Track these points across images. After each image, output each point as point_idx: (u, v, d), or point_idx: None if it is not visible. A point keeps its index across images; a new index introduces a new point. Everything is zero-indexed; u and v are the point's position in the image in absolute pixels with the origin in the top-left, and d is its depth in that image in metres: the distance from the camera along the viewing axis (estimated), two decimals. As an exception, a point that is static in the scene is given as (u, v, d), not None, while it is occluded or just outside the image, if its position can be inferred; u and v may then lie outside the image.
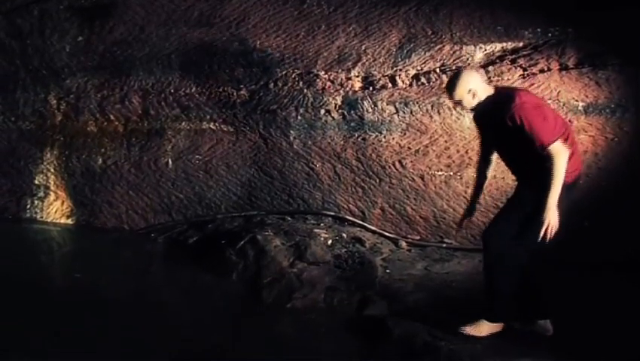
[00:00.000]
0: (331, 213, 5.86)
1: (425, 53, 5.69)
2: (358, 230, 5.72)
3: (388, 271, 5.08)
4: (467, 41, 5.61)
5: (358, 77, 5.80)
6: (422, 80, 5.69)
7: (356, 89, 5.79)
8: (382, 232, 5.74)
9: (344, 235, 5.54)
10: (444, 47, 5.66)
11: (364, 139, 5.78)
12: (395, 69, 5.73)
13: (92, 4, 6.30)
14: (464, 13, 5.62)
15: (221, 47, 6.00)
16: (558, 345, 3.71)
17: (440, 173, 5.59)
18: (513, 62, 5.54)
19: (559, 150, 3.55)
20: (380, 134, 5.73)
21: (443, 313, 4.11)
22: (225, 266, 5.20)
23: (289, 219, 5.84)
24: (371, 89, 5.76)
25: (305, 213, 5.92)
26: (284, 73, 5.91)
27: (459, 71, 3.84)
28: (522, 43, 5.55)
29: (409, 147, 5.70)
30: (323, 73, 5.84)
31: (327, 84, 5.82)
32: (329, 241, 5.40)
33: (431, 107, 5.61)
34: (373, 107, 5.74)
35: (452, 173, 5.62)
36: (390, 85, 5.74)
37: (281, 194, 6.00)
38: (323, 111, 5.82)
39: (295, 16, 5.93)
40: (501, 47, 5.60)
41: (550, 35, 5.48)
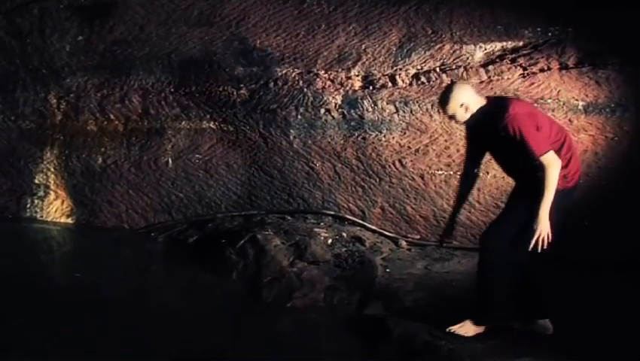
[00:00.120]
0: (331, 213, 5.86)
1: (425, 52, 5.69)
2: (358, 229, 5.72)
3: (388, 271, 5.09)
4: (467, 40, 5.61)
5: (358, 76, 5.80)
6: (422, 80, 5.69)
7: (356, 88, 5.79)
8: (382, 231, 5.74)
9: (344, 235, 5.54)
10: (444, 46, 5.66)
11: (364, 138, 5.78)
12: (395, 68, 5.73)
13: (92, 3, 6.29)
14: (464, 12, 5.62)
15: (221, 46, 5.99)
16: (558, 345, 3.71)
17: (440, 172, 5.59)
18: (513, 61, 5.54)
19: (551, 161, 3.55)
20: (380, 133, 5.73)
21: (443, 312, 4.10)
22: (225, 265, 5.20)
23: (289, 218, 5.84)
24: (371, 88, 5.75)
25: (305, 212, 5.92)
26: (284, 72, 5.91)
27: (451, 86, 3.87)
28: (522, 43, 5.55)
29: (409, 147, 5.70)
30: (323, 72, 5.84)
31: (327, 83, 5.82)
32: (329, 241, 5.40)
33: (431, 106, 5.60)
34: (373, 106, 5.74)
35: (452, 172, 5.61)
36: (390, 84, 5.73)
37: (281, 193, 6.00)
38: (323, 110, 5.82)
39: (295, 16, 5.93)
40: (501, 46, 5.60)
41: (550, 34, 5.48)
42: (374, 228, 5.75)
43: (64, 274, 5.54)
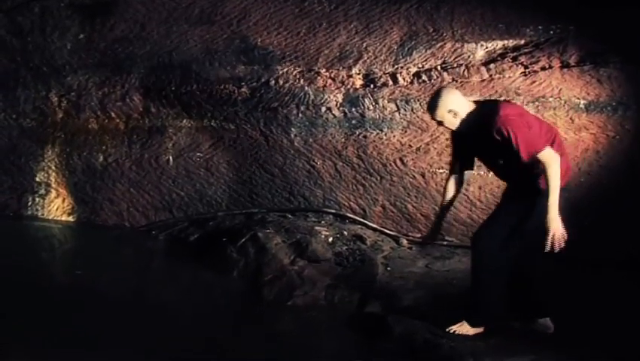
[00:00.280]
0: (332, 211, 5.86)
1: (426, 50, 5.69)
2: (358, 228, 5.71)
3: (388, 269, 5.08)
4: (469, 39, 5.61)
5: (359, 74, 5.79)
6: (423, 78, 5.68)
7: (357, 86, 5.79)
8: (382, 229, 5.74)
9: (345, 233, 5.54)
10: (445, 44, 5.66)
11: (365, 137, 5.77)
12: (396, 67, 5.72)
13: (93, 1, 6.30)
14: (465, 10, 5.62)
15: (222, 44, 5.99)
16: (559, 343, 3.71)
17: (441, 171, 5.57)
18: (514, 59, 5.54)
19: (550, 157, 3.56)
20: (381, 131, 5.72)
21: (443, 311, 4.10)
22: (226, 264, 5.20)
23: (290, 216, 5.84)
24: (372, 86, 5.75)
25: (306, 210, 5.92)
26: (285, 70, 5.90)
27: (439, 92, 3.80)
28: (523, 41, 5.54)
29: (410, 145, 5.70)
30: (324, 70, 5.84)
31: (328, 82, 5.82)
32: (330, 239, 5.40)
33: (432, 104, 5.59)
34: (374, 104, 5.73)
35: (453, 171, 5.61)
36: (391, 82, 5.73)
37: (282, 192, 6.00)
38: (324, 109, 5.82)
39: (296, 14, 5.92)
40: (503, 45, 5.60)
41: (552, 33, 5.47)
42: (375, 226, 5.75)
43: (65, 272, 5.55)
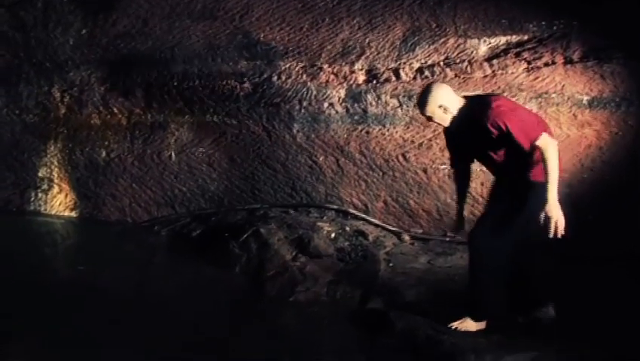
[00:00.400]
0: (334, 207, 5.85)
1: (429, 46, 5.67)
2: (361, 223, 5.71)
3: (390, 265, 5.09)
4: (472, 34, 5.59)
5: (361, 70, 5.78)
6: (426, 74, 5.67)
7: (360, 82, 5.78)
8: (385, 225, 5.73)
9: (347, 229, 5.54)
10: (448, 40, 5.64)
11: (367, 132, 5.76)
12: (399, 62, 5.71)
13: (95, -4, 6.31)
14: (468, 6, 5.60)
15: (225, 39, 5.99)
16: (561, 339, 3.71)
17: (444, 166, 5.56)
18: (517, 55, 5.52)
19: (547, 142, 3.55)
20: (384, 127, 5.71)
21: (445, 307, 4.09)
22: (228, 259, 5.21)
23: (292, 212, 5.84)
24: (375, 82, 5.74)
25: (308, 206, 5.92)
26: (287, 66, 5.89)
27: (429, 86, 3.79)
28: (526, 37, 5.53)
29: (412, 141, 5.69)
30: (327, 66, 5.83)
31: (331, 77, 5.81)
32: (332, 235, 5.40)
33: (435, 100, 5.58)
34: (376, 100, 5.72)
35: (455, 166, 5.60)
36: (394, 78, 5.72)
37: (285, 187, 5.99)
38: (326, 104, 5.81)
39: (299, 9, 5.91)
40: (506, 40, 5.58)
41: (555, 28, 5.45)
42: (377, 222, 5.74)
43: (67, 267, 5.55)
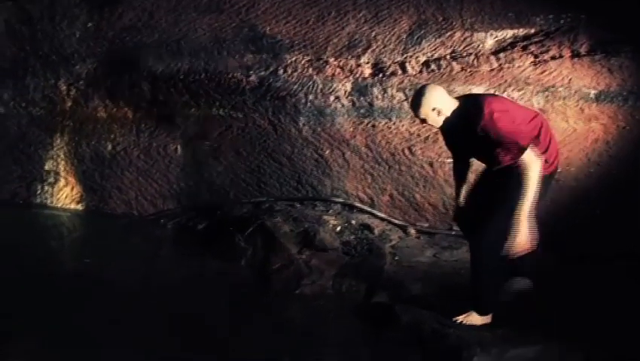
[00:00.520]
0: (340, 200, 5.85)
1: (436, 39, 5.65)
2: (366, 217, 5.70)
3: (396, 258, 5.08)
4: (478, 28, 5.57)
5: (367, 63, 5.77)
6: (432, 67, 5.65)
7: (366, 75, 5.77)
8: (390, 219, 5.72)
9: (353, 222, 5.54)
10: (455, 33, 5.62)
11: (373, 126, 5.75)
12: (405, 56, 5.69)
13: (101, -11, 6.31)
14: (475, -1, 5.59)
15: (231, 32, 5.98)
16: (565, 334, 3.70)
17: (450, 160, 5.46)
18: (524, 48, 5.50)
19: (531, 161, 3.56)
20: (390, 121, 5.70)
21: (451, 300, 4.09)
22: (234, 252, 5.21)
23: (298, 205, 5.83)
24: (381, 75, 5.73)
25: (314, 199, 5.91)
26: (293, 59, 5.88)
27: (422, 89, 3.77)
28: (533, 30, 5.50)
29: (418, 134, 5.67)
30: (333, 59, 5.82)
31: (337, 71, 5.80)
32: (338, 228, 5.40)
33: (441, 94, 5.56)
34: (382, 93, 5.71)
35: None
36: (400, 71, 5.70)
37: (290, 180, 5.99)
38: (332, 98, 5.80)
39: (305, 2, 5.90)
40: (513, 34, 5.56)
41: (562, 22, 5.43)
42: (383, 216, 5.74)
43: (73, 260, 5.58)
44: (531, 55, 5.48)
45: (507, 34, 5.55)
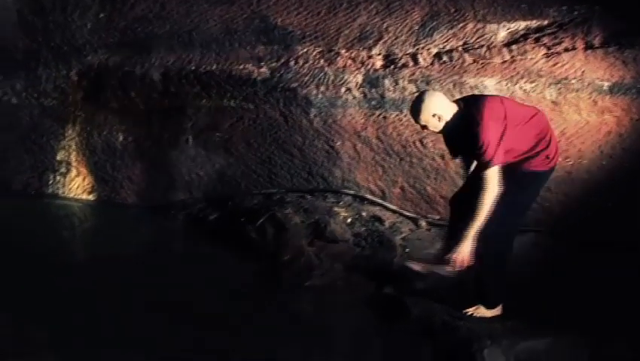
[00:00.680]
0: (351, 192, 5.84)
1: (448, 31, 5.62)
2: (377, 209, 5.70)
3: (407, 251, 5.08)
4: (491, 19, 5.53)
5: (379, 55, 5.75)
6: (444, 59, 5.62)
7: (377, 67, 5.74)
8: (401, 211, 5.72)
9: (363, 214, 5.54)
10: (467, 25, 5.58)
11: (384, 117, 5.74)
12: (417, 47, 5.66)
13: (113, -20, 6.30)
14: (487, -10, 5.55)
15: (242, 24, 5.96)
16: (576, 325, 3.70)
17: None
18: (537, 40, 5.45)
19: (493, 178, 3.57)
20: (401, 112, 5.67)
21: (462, 293, 4.08)
22: (245, 244, 5.22)
23: (309, 197, 5.83)
24: (392, 67, 5.70)
25: (324, 191, 5.91)
26: (305, 51, 5.87)
27: (421, 95, 3.77)
28: (546, 22, 5.45)
29: (430, 126, 5.65)
30: (344, 51, 5.80)
31: (348, 62, 5.78)
32: (348, 220, 5.40)
33: (453, 85, 5.54)
34: (394, 85, 5.69)
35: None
36: (411, 63, 5.68)
37: (301, 172, 5.99)
38: (344, 89, 5.78)
39: (316, -7, 5.89)
40: (525, 26, 5.51)
41: (576, 13, 5.38)
42: (394, 208, 5.73)
43: (85, 250, 5.61)
44: (544, 47, 5.43)
45: (520, 25, 5.51)
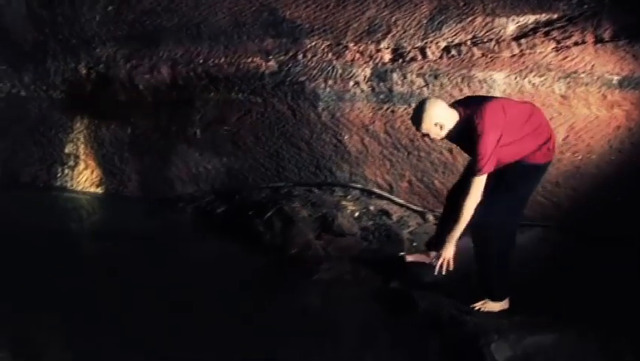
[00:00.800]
0: (358, 186, 5.84)
1: (456, 24, 5.59)
2: (385, 203, 5.70)
3: (414, 245, 5.08)
4: (500, 13, 5.50)
5: (387, 48, 5.73)
6: (453, 53, 5.60)
7: (385, 60, 5.73)
8: (409, 205, 5.71)
9: (371, 208, 5.53)
10: (476, 18, 5.56)
11: (392, 111, 5.73)
12: (425, 41, 5.64)
13: (121, -27, 6.30)
14: (496, -17, 5.52)
15: (250, 17, 5.95)
16: (583, 320, 3.69)
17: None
18: (546, 34, 5.43)
19: (480, 183, 3.61)
20: (409, 106, 5.65)
21: (469, 287, 4.08)
22: (252, 237, 5.23)
23: (316, 190, 5.84)
24: (401, 61, 5.69)
25: (332, 185, 5.91)
26: (313, 44, 5.86)
27: (422, 104, 3.75)
28: (556, 15, 5.42)
29: (438, 120, 5.64)
30: (352, 44, 5.78)
31: (357, 56, 5.77)
32: (356, 214, 5.40)
33: (461, 79, 5.52)
34: (402, 79, 5.67)
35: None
36: (420, 57, 5.66)
37: (309, 165, 5.99)
38: (352, 83, 5.77)
39: (325, -13, 5.87)
40: (535, 19, 5.48)
41: (586, 7, 5.34)
42: (401, 201, 5.72)
43: (93, 242, 5.62)
44: (554, 40, 5.40)
45: (529, 19, 5.47)
